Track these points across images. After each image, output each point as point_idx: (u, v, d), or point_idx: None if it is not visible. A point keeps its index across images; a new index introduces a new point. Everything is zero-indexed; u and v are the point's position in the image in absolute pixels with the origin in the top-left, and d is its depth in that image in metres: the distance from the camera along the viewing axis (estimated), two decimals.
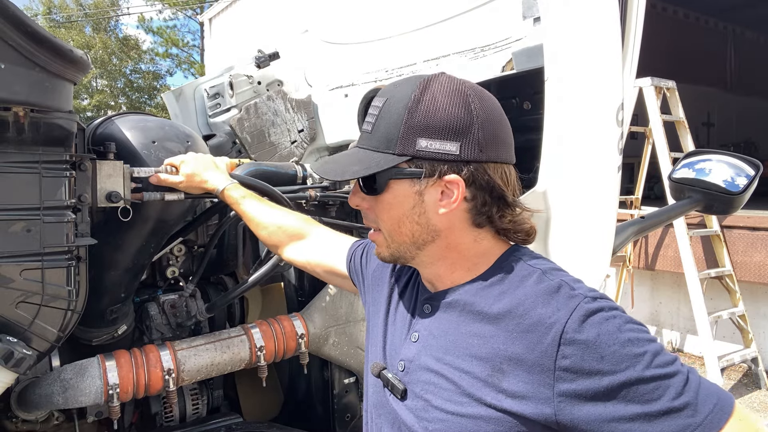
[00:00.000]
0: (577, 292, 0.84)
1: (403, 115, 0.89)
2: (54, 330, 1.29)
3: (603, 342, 0.79)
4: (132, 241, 1.61)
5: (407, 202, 0.92)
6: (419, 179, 0.90)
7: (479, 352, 0.87)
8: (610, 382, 0.78)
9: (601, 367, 0.78)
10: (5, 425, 1.62)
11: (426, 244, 0.94)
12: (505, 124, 0.94)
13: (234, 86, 3.01)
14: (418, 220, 0.92)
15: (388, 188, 0.92)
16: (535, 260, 0.93)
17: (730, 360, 4.93)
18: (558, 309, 0.83)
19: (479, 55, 2.11)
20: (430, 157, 0.89)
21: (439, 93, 0.89)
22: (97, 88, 23.36)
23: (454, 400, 0.88)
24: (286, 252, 1.44)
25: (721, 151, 2.14)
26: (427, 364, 0.93)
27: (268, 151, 2.83)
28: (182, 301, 1.88)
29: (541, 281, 0.88)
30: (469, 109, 0.89)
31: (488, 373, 0.86)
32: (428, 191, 0.91)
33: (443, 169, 0.89)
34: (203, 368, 1.69)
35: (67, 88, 1.25)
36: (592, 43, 1.67)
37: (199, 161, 1.54)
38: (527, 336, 0.83)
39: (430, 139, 0.88)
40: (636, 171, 6.16)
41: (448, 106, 0.88)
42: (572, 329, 0.80)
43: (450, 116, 0.88)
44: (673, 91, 5.53)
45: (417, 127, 0.88)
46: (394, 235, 0.96)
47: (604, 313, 0.81)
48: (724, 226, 5.18)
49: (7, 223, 1.20)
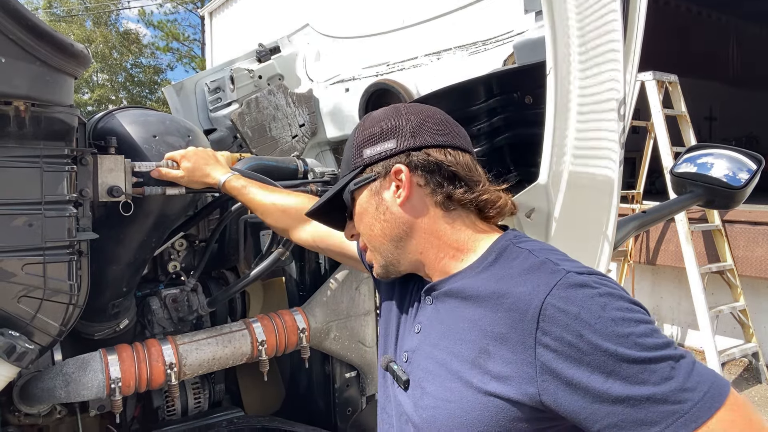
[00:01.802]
0: (561, 267, 0.83)
1: (351, 139, 1.06)
2: (56, 324, 1.29)
3: (584, 319, 0.76)
4: (133, 236, 1.61)
5: (371, 206, 1.02)
6: (374, 182, 1.01)
7: (468, 335, 0.89)
8: (591, 362, 0.74)
9: (581, 346, 0.75)
10: (8, 419, 1.63)
11: (402, 239, 1.00)
12: (443, 120, 1.04)
13: (235, 80, 3.00)
14: (384, 217, 1.01)
15: (354, 201, 1.04)
16: (526, 242, 0.93)
17: (731, 355, 4.94)
18: (538, 285, 0.82)
19: (481, 49, 2.10)
20: (375, 160, 1.01)
21: (375, 115, 1.05)
22: (97, 82, 23.33)
23: (444, 386, 0.90)
24: (294, 234, 1.46)
25: (723, 146, 2.14)
26: (425, 352, 0.96)
27: (269, 145, 2.83)
28: (184, 295, 1.88)
29: (527, 260, 0.88)
30: (398, 111, 1.02)
31: (475, 355, 0.86)
32: (384, 189, 1.00)
33: (389, 165, 0.99)
34: (205, 362, 1.69)
35: (68, 82, 1.25)
36: (594, 36, 1.67)
37: (200, 156, 1.54)
38: (509, 315, 0.83)
39: (372, 146, 1.01)
40: (637, 165, 6.15)
41: (381, 117, 1.03)
42: (551, 305, 0.78)
43: (382, 123, 1.02)
44: (675, 85, 5.51)
45: (361, 143, 1.03)
46: (373, 240, 1.04)
47: (588, 290, 0.78)
48: (725, 220, 5.18)
49: (9, 217, 1.20)
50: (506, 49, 2.02)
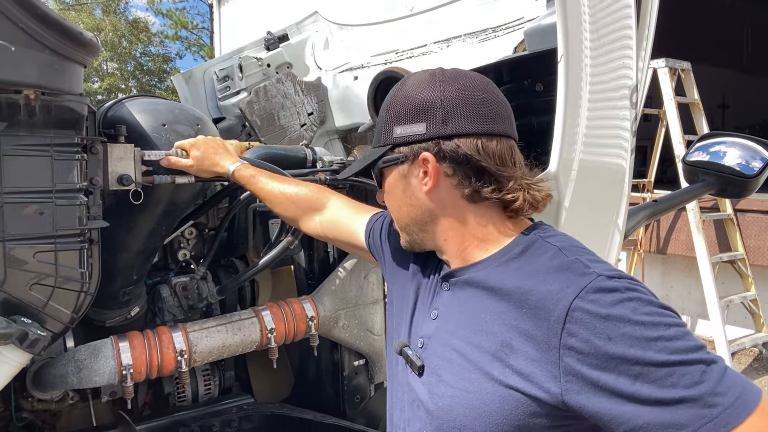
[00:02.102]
0: (591, 269, 0.81)
1: (384, 110, 1.00)
2: (68, 311, 1.30)
3: (613, 323, 0.75)
4: (143, 224, 1.62)
5: (398, 187, 1.00)
6: (402, 164, 0.98)
7: (490, 327, 0.87)
8: (617, 366, 0.74)
9: (608, 349, 0.74)
10: (21, 404, 1.65)
11: (427, 224, 1.00)
12: (481, 99, 0.94)
13: (243, 69, 3.00)
14: (410, 202, 0.99)
15: (384, 178, 1.02)
16: (555, 237, 0.92)
17: (741, 344, 4.91)
18: (567, 286, 0.80)
19: (491, 36, 2.08)
20: (404, 141, 0.96)
21: (411, 84, 0.98)
22: (107, 71, 23.37)
23: (463, 376, 0.89)
24: (302, 224, 1.45)
25: (736, 134, 2.11)
26: (442, 339, 0.95)
27: (277, 134, 2.83)
28: (194, 283, 1.90)
29: (556, 257, 0.86)
30: (433, 91, 0.94)
31: (497, 348, 0.85)
32: (411, 174, 0.97)
33: (417, 150, 0.95)
34: (215, 350, 1.70)
35: (78, 70, 1.25)
36: (606, 23, 1.64)
37: (210, 144, 1.54)
38: (535, 312, 0.82)
39: (402, 125, 0.96)
40: (649, 154, 6.09)
41: (415, 93, 0.96)
42: (579, 307, 0.78)
43: (415, 101, 0.95)
44: (688, 73, 5.44)
45: (393, 117, 0.97)
46: (399, 220, 1.04)
47: (618, 294, 0.78)
48: (737, 209, 5.13)
49: (20, 205, 1.20)
50: (517, 36, 2.00)
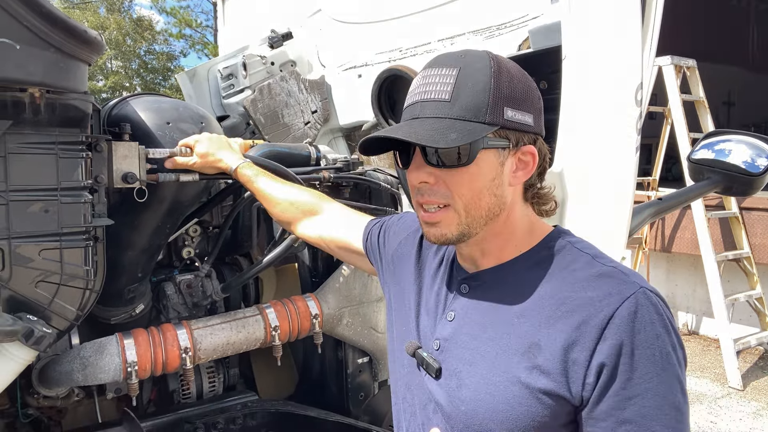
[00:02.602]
0: (632, 279, 0.83)
1: (489, 84, 0.86)
2: (73, 309, 1.31)
3: (643, 341, 0.79)
4: (148, 222, 1.63)
5: (490, 173, 0.89)
6: (504, 150, 0.89)
7: (519, 329, 0.86)
8: (632, 385, 0.78)
9: (632, 364, 0.78)
10: (27, 401, 1.66)
11: (494, 217, 0.92)
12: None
13: (247, 67, 3.00)
14: (496, 191, 0.90)
15: (476, 159, 0.88)
16: (582, 243, 0.93)
17: (746, 343, 4.90)
18: (610, 294, 0.82)
19: (495, 34, 2.07)
20: (515, 127, 0.89)
21: (510, 66, 0.90)
22: (112, 69, 23.43)
23: (487, 380, 0.87)
24: (299, 228, 1.43)
25: (742, 132, 2.10)
26: (462, 342, 0.93)
27: (281, 132, 2.83)
28: (198, 281, 1.90)
29: (593, 266, 0.87)
30: (533, 83, 0.92)
31: (525, 349, 0.84)
32: (508, 162, 0.90)
33: (524, 140, 0.90)
34: (219, 347, 1.71)
35: (82, 68, 1.25)
36: (611, 20, 1.64)
37: (214, 142, 1.55)
38: (573, 315, 0.82)
39: (515, 110, 0.88)
40: (654, 152, 6.08)
41: (522, 78, 0.90)
42: (620, 316, 0.79)
43: (526, 89, 0.90)
44: (693, 70, 5.42)
45: (504, 97, 0.87)
46: (471, 209, 0.90)
47: (656, 315, 0.81)
48: (742, 207, 5.10)
49: (26, 203, 1.21)
50: (521, 33, 2.00)
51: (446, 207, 0.91)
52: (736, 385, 4.61)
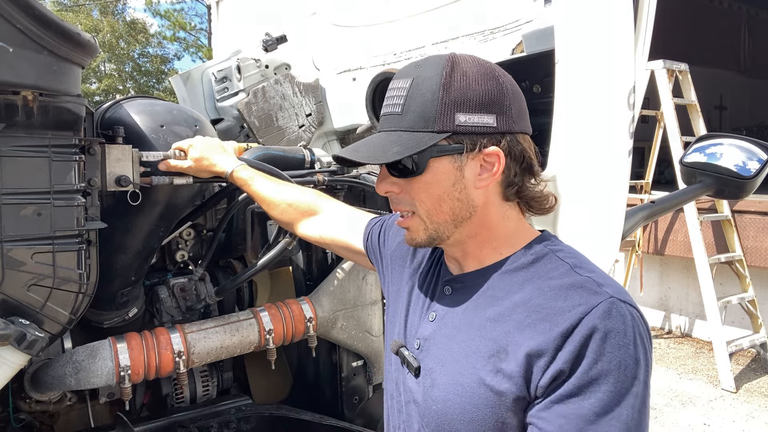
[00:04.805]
0: (603, 290, 0.83)
1: (437, 93, 0.88)
2: (65, 312, 1.30)
3: (603, 351, 0.78)
4: (141, 225, 1.62)
5: (448, 179, 0.91)
6: (460, 155, 0.90)
7: (490, 333, 0.88)
8: (583, 391, 0.78)
9: (588, 372, 0.78)
10: (19, 406, 1.65)
11: (464, 220, 0.93)
12: (523, 95, 0.96)
13: (241, 70, 3.00)
14: (458, 196, 0.92)
15: (428, 167, 0.90)
16: (564, 252, 0.92)
17: (739, 345, 4.92)
18: (579, 303, 0.82)
19: (489, 38, 2.08)
20: (470, 131, 0.88)
21: (469, 68, 0.90)
22: (105, 72, 23.34)
23: (456, 381, 0.89)
24: (299, 228, 1.44)
25: (733, 135, 2.12)
26: (439, 342, 0.94)
27: (275, 135, 2.83)
28: (192, 284, 1.89)
29: (569, 275, 0.87)
30: (499, 82, 0.90)
31: (493, 353, 0.86)
32: (468, 166, 0.90)
33: (483, 143, 0.89)
34: (213, 351, 1.70)
35: (75, 71, 1.25)
36: (603, 24, 1.65)
37: (208, 145, 1.54)
38: (542, 324, 0.83)
39: (469, 114, 0.88)
40: (647, 155, 6.11)
41: (480, 80, 0.89)
42: (584, 325, 0.79)
43: (484, 90, 0.89)
44: (686, 74, 5.45)
45: (454, 103, 0.88)
46: (433, 215, 0.94)
47: (621, 324, 0.80)
48: (735, 210, 5.14)
49: (18, 206, 1.20)
50: (514, 37, 2.01)
51: (413, 214, 0.96)
52: (729, 387, 4.63)
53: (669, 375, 4.93)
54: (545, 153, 1.60)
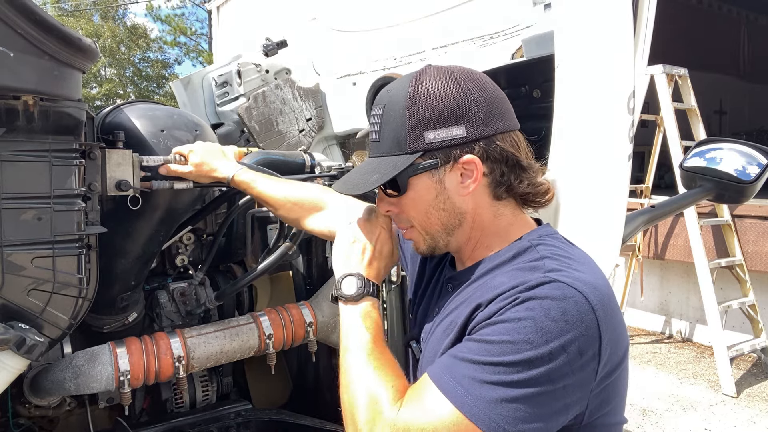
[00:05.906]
0: (546, 271, 0.85)
1: (404, 116, 0.93)
2: (65, 317, 1.30)
3: (506, 318, 0.81)
4: (142, 230, 1.62)
5: (430, 193, 0.97)
6: (436, 169, 0.95)
7: (453, 316, 0.96)
8: (469, 340, 0.85)
9: (482, 332, 0.83)
10: (18, 411, 1.64)
11: (455, 228, 0.99)
12: (499, 94, 0.98)
13: (242, 75, 3.00)
14: (443, 206, 0.97)
15: (410, 186, 0.96)
16: (545, 246, 0.93)
17: (740, 350, 4.91)
18: (519, 280, 0.85)
19: (488, 43, 2.09)
20: (441, 146, 0.93)
21: (431, 84, 0.94)
22: (106, 77, 23.40)
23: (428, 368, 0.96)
24: (307, 224, 1.45)
25: (733, 140, 2.12)
26: (436, 335, 1.00)
27: (276, 139, 2.83)
28: (192, 289, 1.89)
29: (532, 262, 0.90)
30: (462, 90, 0.93)
31: (449, 331, 0.94)
32: (448, 178, 0.95)
33: (456, 154, 0.93)
34: (213, 355, 1.70)
35: (76, 76, 1.25)
36: (603, 29, 1.65)
37: (208, 150, 1.54)
38: (482, 297, 0.88)
39: (437, 130, 0.92)
40: (646, 159, 6.11)
41: (443, 94, 0.93)
42: (508, 294, 0.83)
43: (447, 102, 0.92)
44: (685, 79, 5.46)
45: (420, 122, 0.93)
46: (426, 227, 1.00)
47: (546, 299, 0.80)
48: (735, 215, 5.13)
49: (18, 211, 1.20)
50: (514, 42, 2.01)
51: (412, 227, 1.03)
52: (729, 392, 4.61)
53: (670, 380, 4.92)
54: (545, 157, 1.60)
